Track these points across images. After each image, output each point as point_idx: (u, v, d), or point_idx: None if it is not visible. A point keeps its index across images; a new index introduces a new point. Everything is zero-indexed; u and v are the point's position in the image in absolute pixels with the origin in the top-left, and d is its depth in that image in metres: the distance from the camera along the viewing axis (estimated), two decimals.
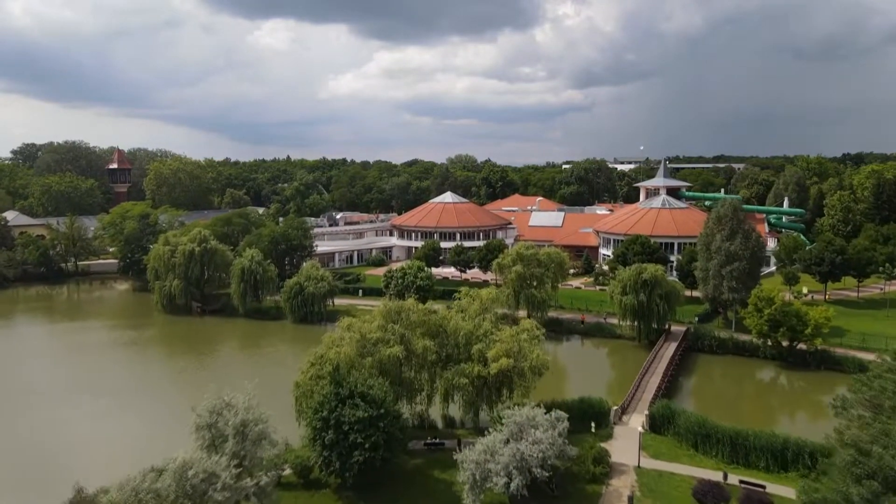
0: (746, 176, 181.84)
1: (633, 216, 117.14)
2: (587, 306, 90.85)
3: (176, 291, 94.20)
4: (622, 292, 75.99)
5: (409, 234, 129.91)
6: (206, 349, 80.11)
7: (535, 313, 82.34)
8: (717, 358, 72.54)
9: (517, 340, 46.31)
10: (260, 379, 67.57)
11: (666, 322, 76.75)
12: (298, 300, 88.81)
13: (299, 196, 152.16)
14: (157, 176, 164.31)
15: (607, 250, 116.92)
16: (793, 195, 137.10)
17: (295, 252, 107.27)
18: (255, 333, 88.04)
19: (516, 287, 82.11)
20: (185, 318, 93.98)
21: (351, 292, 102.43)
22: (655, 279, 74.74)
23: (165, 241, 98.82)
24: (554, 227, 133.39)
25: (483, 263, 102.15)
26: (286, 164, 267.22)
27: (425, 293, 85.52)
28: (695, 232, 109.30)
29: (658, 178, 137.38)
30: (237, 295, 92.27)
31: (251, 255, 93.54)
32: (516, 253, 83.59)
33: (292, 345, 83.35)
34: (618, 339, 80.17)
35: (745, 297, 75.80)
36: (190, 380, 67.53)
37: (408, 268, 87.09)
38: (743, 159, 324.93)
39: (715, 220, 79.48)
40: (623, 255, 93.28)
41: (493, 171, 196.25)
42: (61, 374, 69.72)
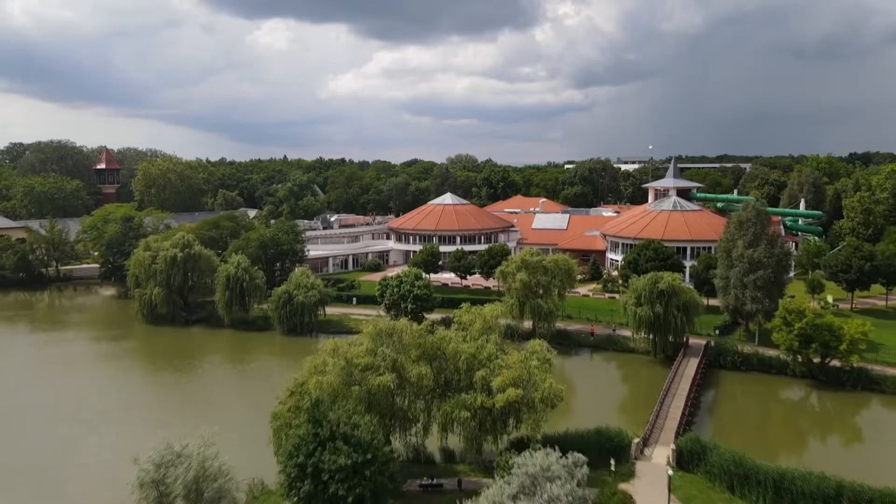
0: (756, 176, 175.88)
1: (643, 219, 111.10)
2: (596, 316, 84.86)
3: (157, 300, 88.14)
4: (636, 303, 70.01)
5: (407, 237, 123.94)
6: (186, 364, 74.04)
7: (542, 325, 76.40)
8: (741, 376, 66.49)
9: (526, 367, 40.33)
10: (241, 400, 62.38)
11: (684, 335, 70.76)
12: (287, 310, 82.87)
13: (293, 197, 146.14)
14: (146, 176, 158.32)
15: (615, 255, 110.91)
16: (808, 196, 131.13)
17: (285, 257, 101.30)
18: (240, 345, 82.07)
19: (521, 296, 76.10)
20: (167, 329, 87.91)
21: (344, 300, 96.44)
22: (673, 289, 68.76)
23: (146, 246, 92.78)
24: (558, 230, 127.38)
25: (485, 269, 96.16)
26: (282, 164, 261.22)
27: (423, 303, 79.56)
28: (708, 235, 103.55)
29: (668, 179, 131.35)
30: (222, 304, 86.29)
31: (237, 262, 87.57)
32: (521, 259, 77.60)
33: (280, 358, 77.40)
34: (631, 353, 74.14)
35: (769, 309, 69.90)
36: (161, 403, 61.58)
37: (404, 276, 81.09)
38: (747, 159, 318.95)
39: (736, 225, 73.44)
40: (635, 261, 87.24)
41: (494, 171, 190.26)
42: (23, 395, 63.60)
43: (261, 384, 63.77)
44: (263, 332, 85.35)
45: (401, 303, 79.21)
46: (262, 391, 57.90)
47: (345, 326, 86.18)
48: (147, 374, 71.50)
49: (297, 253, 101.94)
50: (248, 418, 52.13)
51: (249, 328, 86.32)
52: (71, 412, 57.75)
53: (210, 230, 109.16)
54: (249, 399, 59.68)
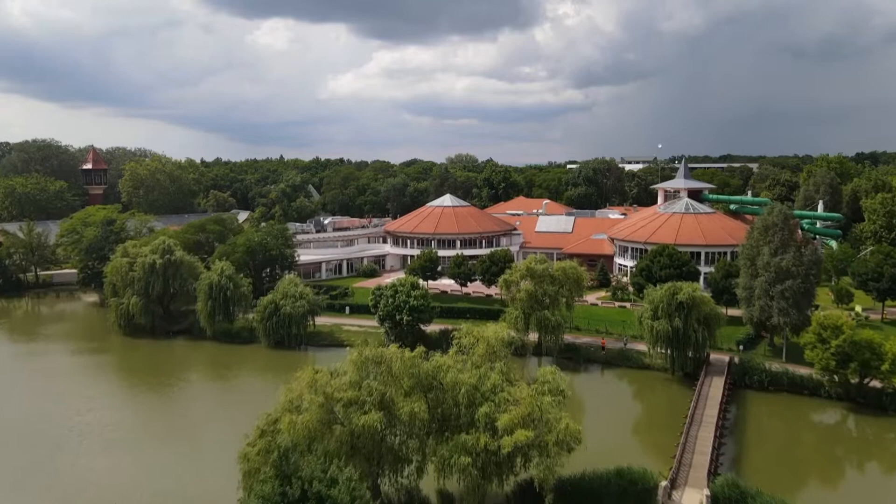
0: (766, 176, 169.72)
1: (653, 222, 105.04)
2: (607, 328, 78.82)
3: (135, 310, 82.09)
4: (653, 316, 63.98)
5: (404, 240, 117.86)
6: (159, 382, 67.92)
7: (548, 338, 70.32)
8: (769, 397, 60.39)
9: (537, 403, 34.25)
10: (214, 427, 55.48)
11: (704, 351, 64.72)
12: (273, 321, 76.86)
13: (285, 199, 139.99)
14: (133, 177, 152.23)
15: (624, 260, 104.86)
16: (824, 198, 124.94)
17: (274, 263, 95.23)
18: (222, 360, 76.02)
19: (526, 308, 70.06)
20: (146, 341, 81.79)
21: (337, 309, 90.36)
22: (693, 301, 62.70)
23: (124, 251, 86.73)
24: (563, 234, 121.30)
25: (486, 276, 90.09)
26: (278, 165, 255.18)
27: (420, 314, 73.48)
28: (724, 240, 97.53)
29: (678, 180, 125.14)
30: (204, 314, 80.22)
31: (220, 269, 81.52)
32: (526, 267, 71.53)
33: (264, 375, 71.45)
34: (646, 369, 68.12)
35: (797, 322, 63.92)
36: (128, 426, 55.35)
37: (399, 285, 74.99)
38: (751, 158, 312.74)
39: (761, 230, 67.37)
40: (647, 268, 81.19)
41: (495, 171, 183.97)
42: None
43: (239, 407, 57.59)
44: (248, 344, 79.30)
45: (395, 314, 73.15)
46: (239, 417, 51.82)
47: (336, 339, 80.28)
48: (117, 393, 65.31)
49: (286, 258, 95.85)
50: (215, 452, 46.14)
51: (233, 340, 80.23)
52: (30, 436, 51.77)
53: (196, 234, 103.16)
54: (223, 426, 53.47)
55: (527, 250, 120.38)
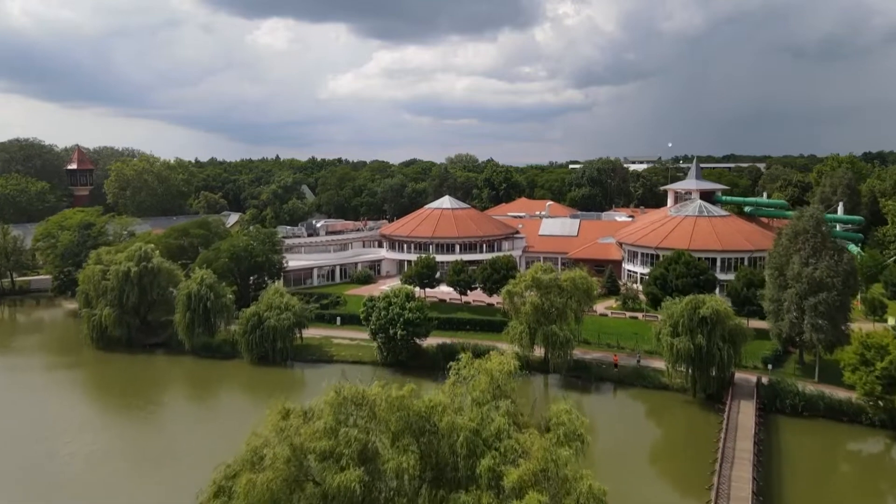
0: (778, 177, 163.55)
1: (665, 226, 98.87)
2: (619, 342, 72.72)
3: (108, 322, 75.97)
4: (672, 332, 57.86)
5: (401, 245, 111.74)
6: (127, 405, 61.75)
7: (556, 354, 64.17)
8: (804, 424, 54.20)
9: (553, 457, 28.11)
10: (180, 465, 48.87)
11: (729, 370, 58.62)
12: (257, 335, 70.77)
13: (277, 201, 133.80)
14: (119, 177, 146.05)
15: (634, 266, 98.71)
16: (843, 199, 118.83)
17: (260, 270, 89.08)
18: (200, 378, 69.99)
19: (531, 322, 63.95)
20: (120, 356, 75.58)
21: (327, 320, 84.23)
22: (717, 316, 56.58)
23: (97, 258, 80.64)
24: (568, 237, 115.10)
25: (488, 284, 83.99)
26: (273, 165, 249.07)
27: (415, 328, 67.38)
28: (741, 245, 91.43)
29: (689, 180, 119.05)
30: (182, 327, 74.06)
31: (201, 277, 75.40)
32: (531, 277, 65.36)
33: (244, 395, 65.54)
34: (664, 390, 61.99)
35: (832, 338, 57.86)
36: (84, 458, 49.14)
37: (393, 295, 68.87)
38: (756, 158, 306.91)
39: (791, 237, 61.29)
40: (662, 276, 75.10)
41: (495, 171, 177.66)
42: None
43: (212, 437, 51.50)
44: (230, 359, 73.12)
45: (389, 328, 67.05)
46: (212, 449, 45.74)
47: (325, 353, 74.25)
48: (79, 417, 59.04)
49: (274, 265, 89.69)
50: (185, 487, 39.98)
51: (214, 355, 74.05)
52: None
53: (178, 238, 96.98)
54: (191, 460, 47.25)
55: (530, 255, 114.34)
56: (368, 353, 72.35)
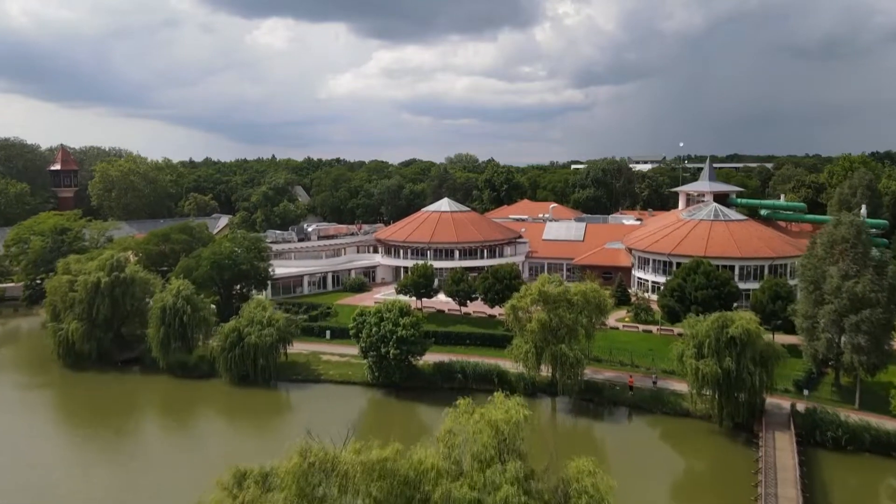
0: (790, 177, 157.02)
1: (678, 230, 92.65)
2: (633, 360, 66.47)
3: (75, 337, 69.75)
4: (697, 354, 51.66)
5: (397, 250, 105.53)
6: (85, 435, 55.61)
7: (565, 375, 57.91)
8: (848, 460, 47.94)
9: None
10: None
11: (761, 396, 52.40)
12: (236, 353, 64.54)
13: (268, 203, 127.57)
14: (104, 178, 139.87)
15: (645, 273, 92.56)
16: (863, 201, 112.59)
17: (245, 279, 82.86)
18: (173, 401, 63.81)
19: (538, 340, 57.74)
20: (89, 375, 69.40)
21: (316, 333, 77.99)
22: (748, 336, 50.38)
23: (66, 267, 74.48)
24: (574, 242, 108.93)
25: (489, 295, 77.80)
26: (268, 165, 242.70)
27: (410, 347, 61.13)
28: (761, 252, 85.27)
29: (702, 182, 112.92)
30: (156, 343, 67.80)
31: (177, 289, 69.19)
32: (538, 291, 59.10)
33: (221, 422, 59.52)
34: (685, 417, 55.73)
35: (875, 360, 51.71)
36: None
37: (386, 310, 62.62)
38: (760, 158, 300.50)
39: (826, 247, 55.10)
40: (680, 287, 68.86)
41: (496, 171, 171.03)
42: None
43: (179, 476, 45.41)
44: (208, 379, 66.86)
45: (381, 346, 60.83)
46: (177, 489, 39.83)
47: (312, 372, 68.08)
48: (31, 448, 52.85)
49: (259, 273, 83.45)
50: None
51: (191, 374, 67.78)
52: None
53: (159, 244, 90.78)
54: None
55: (533, 261, 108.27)
56: (359, 371, 66.24)
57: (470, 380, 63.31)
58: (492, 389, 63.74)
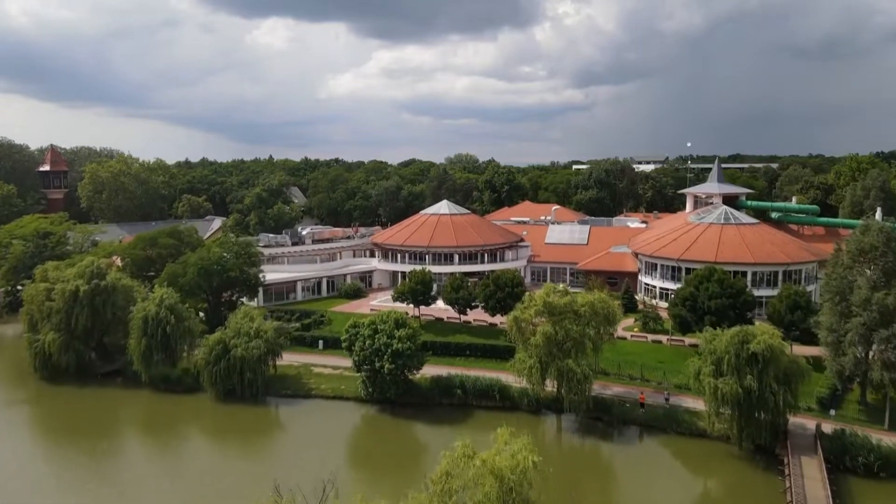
0: (798, 178, 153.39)
1: (687, 234, 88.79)
2: (643, 374, 62.62)
3: (53, 349, 65.96)
4: (715, 372, 47.86)
5: (395, 254, 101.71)
6: (61, 457, 51.81)
7: (572, 392, 54.04)
8: (883, 488, 44.14)
9: None
10: None
11: (784, 417, 48.61)
12: (222, 367, 60.74)
13: (262, 205, 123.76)
14: (94, 180, 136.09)
15: (652, 279, 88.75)
16: (877, 202, 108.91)
17: (234, 286, 79.07)
18: (154, 419, 60.02)
19: (543, 355, 53.93)
20: (67, 389, 65.58)
21: (308, 343, 74.24)
22: (771, 352, 46.59)
23: (43, 275, 70.70)
24: (578, 246, 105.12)
25: (490, 303, 74.02)
26: (265, 165, 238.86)
27: (406, 361, 57.30)
28: (774, 257, 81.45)
29: (711, 184, 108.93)
30: (138, 355, 63.92)
31: (160, 298, 65.40)
32: (542, 302, 55.25)
33: (201, 443, 55.77)
34: (701, 437, 51.86)
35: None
36: None
37: (380, 321, 58.79)
38: (762, 158, 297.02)
39: (854, 255, 51.29)
40: (692, 296, 64.99)
41: (497, 172, 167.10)
42: None
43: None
44: (193, 394, 62.99)
45: (375, 360, 57.00)
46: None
47: (303, 386, 64.25)
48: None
49: (249, 280, 79.62)
50: None
51: (174, 388, 63.96)
52: None
53: (146, 249, 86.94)
54: None
55: (535, 265, 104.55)
56: (352, 385, 62.42)
57: (470, 395, 59.56)
58: (493, 406, 60.76)
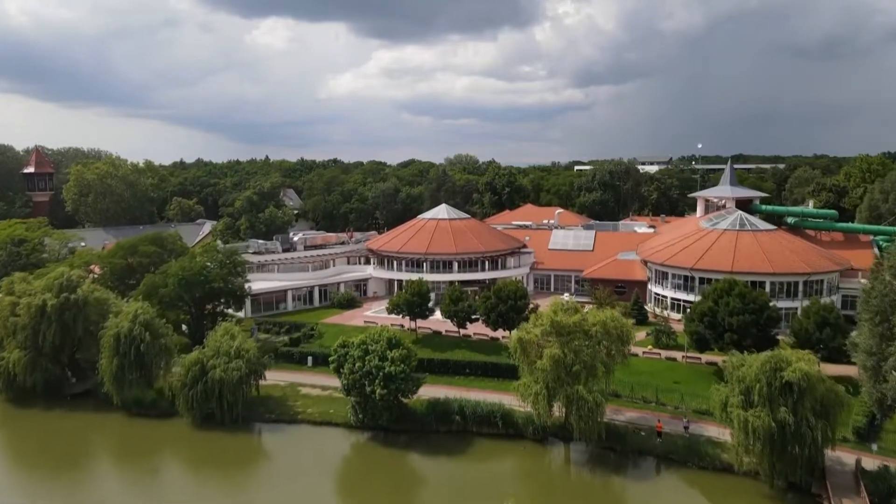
0: (809, 180, 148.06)
1: (700, 241, 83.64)
2: (658, 396, 57.46)
3: (17, 368, 60.90)
4: (744, 403, 42.80)
5: (391, 261, 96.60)
6: (14, 487, 46.77)
7: (583, 421, 48.91)
8: None
9: None
10: None
11: (823, 453, 43.53)
12: (199, 389, 55.63)
13: (253, 209, 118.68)
14: (79, 182, 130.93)
15: (663, 289, 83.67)
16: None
17: (218, 297, 74.00)
18: (124, 446, 55.08)
19: (550, 380, 48.83)
20: (31, 413, 60.77)
21: (297, 360, 69.17)
22: (808, 381, 41.54)
23: (9, 288, 65.65)
24: (583, 252, 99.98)
25: (492, 317, 68.93)
26: (261, 166, 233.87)
27: (400, 385, 52.20)
28: (795, 267, 76.30)
29: (724, 187, 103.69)
30: (109, 376, 58.82)
31: (134, 313, 60.29)
32: (549, 321, 50.14)
33: (174, 475, 50.67)
34: (725, 472, 46.76)
35: None
36: None
37: (371, 340, 53.69)
38: (765, 159, 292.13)
39: (894, 272, 46.22)
40: (711, 312, 59.90)
41: (498, 174, 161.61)
42: None
43: None
44: (168, 419, 57.85)
45: (365, 384, 51.90)
46: None
47: (289, 410, 59.16)
48: None
49: (234, 291, 74.51)
50: None
51: (148, 412, 58.88)
52: None
53: (125, 257, 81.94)
54: None
55: (538, 272, 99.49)
56: (343, 407, 57.34)
57: (470, 422, 54.50)
58: (495, 433, 55.75)
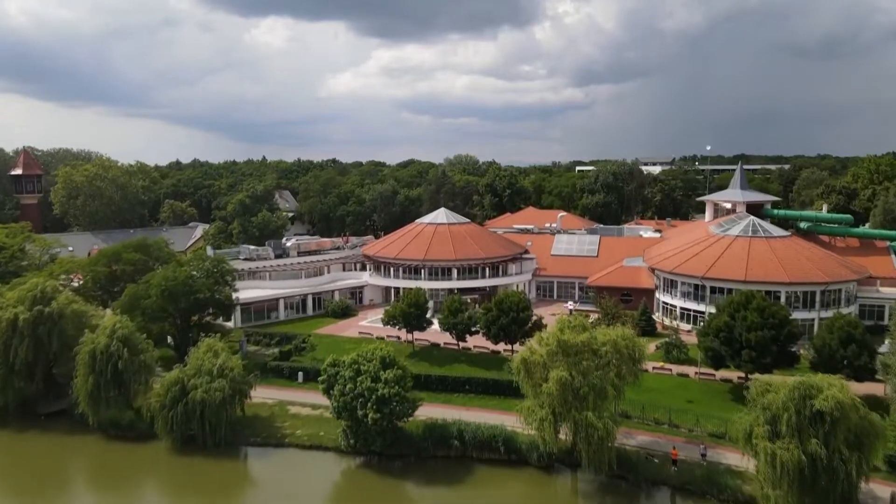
0: (818, 182, 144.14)
1: (710, 249, 79.89)
2: (671, 419, 53.65)
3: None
4: (770, 434, 39.00)
5: (388, 268, 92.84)
6: None
7: (591, 449, 45.10)
8: None
9: None
10: None
11: (857, 488, 39.72)
12: (179, 411, 51.83)
13: (246, 212, 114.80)
14: (67, 184, 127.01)
15: (672, 298, 79.95)
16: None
17: (204, 308, 70.17)
18: (99, 471, 51.39)
19: (557, 405, 45.02)
20: (4, 433, 56.95)
21: (287, 375, 65.37)
22: (841, 409, 37.75)
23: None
24: (587, 258, 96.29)
25: (493, 330, 65.14)
26: (258, 166, 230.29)
27: (394, 409, 48.36)
28: (812, 276, 72.52)
29: (734, 191, 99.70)
30: (85, 395, 54.97)
31: (112, 328, 56.48)
32: (556, 340, 46.29)
33: (155, 501, 46.59)
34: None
35: None
36: None
37: (364, 360, 49.85)
38: (768, 159, 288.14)
39: None
40: (727, 327, 56.06)
41: (499, 175, 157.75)
42: None
43: None
44: (147, 442, 53.96)
45: (356, 407, 48.07)
46: None
47: (276, 432, 55.29)
48: None
49: (221, 301, 70.68)
50: None
51: (126, 434, 55.04)
52: None
53: (109, 265, 78.18)
54: None
55: (541, 279, 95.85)
56: (334, 430, 53.44)
57: (469, 447, 50.63)
58: (496, 459, 52.01)
